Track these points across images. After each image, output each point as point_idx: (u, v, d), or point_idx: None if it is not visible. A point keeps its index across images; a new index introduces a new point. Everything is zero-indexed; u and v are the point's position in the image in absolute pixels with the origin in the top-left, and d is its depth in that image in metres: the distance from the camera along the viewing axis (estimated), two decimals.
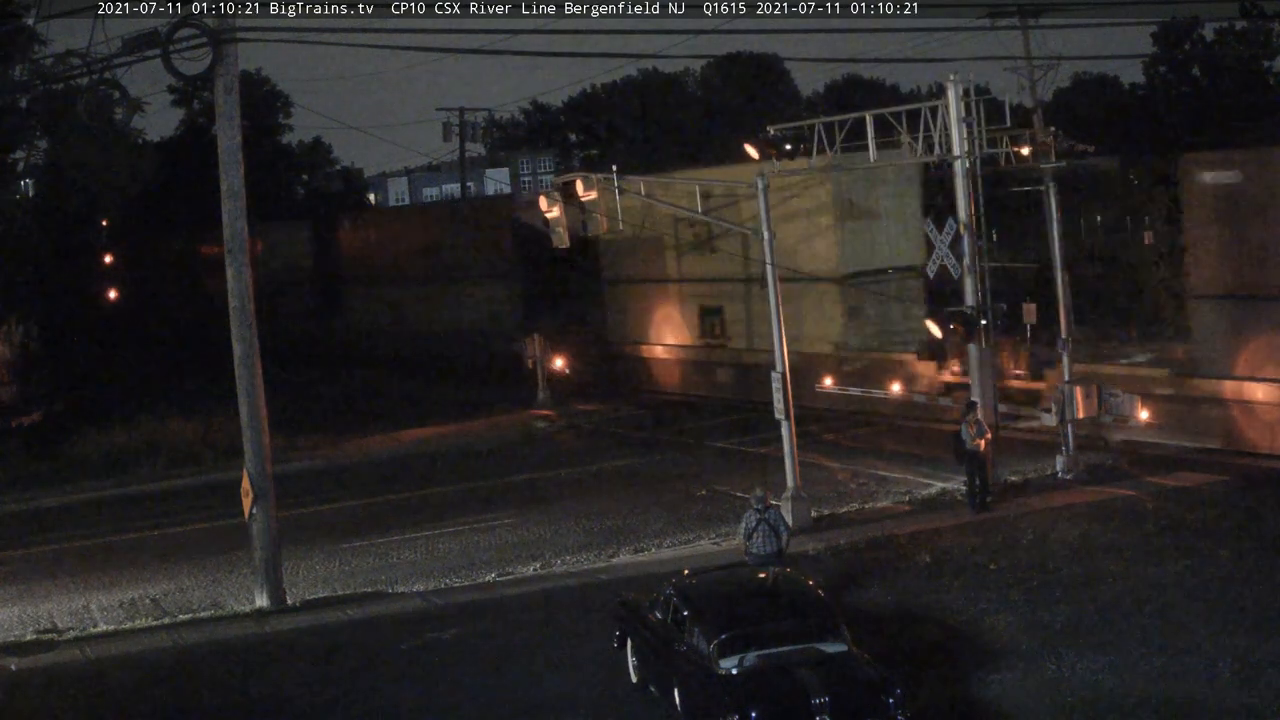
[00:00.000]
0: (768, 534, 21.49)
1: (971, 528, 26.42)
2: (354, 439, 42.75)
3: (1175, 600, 21.05)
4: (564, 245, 31.82)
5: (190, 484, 37.92)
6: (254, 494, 25.02)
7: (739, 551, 22.60)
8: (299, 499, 33.68)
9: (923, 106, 30.15)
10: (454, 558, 27.91)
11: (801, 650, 16.67)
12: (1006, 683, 18.24)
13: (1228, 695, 17.31)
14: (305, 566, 27.85)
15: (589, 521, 30.04)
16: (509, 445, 40.72)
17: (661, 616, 18.24)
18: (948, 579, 23.14)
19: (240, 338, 25.19)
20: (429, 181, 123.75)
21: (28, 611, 26.03)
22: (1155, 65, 75.09)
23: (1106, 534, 25.10)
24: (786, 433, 27.91)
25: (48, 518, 35.28)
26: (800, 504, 27.63)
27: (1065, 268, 31.78)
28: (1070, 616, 20.68)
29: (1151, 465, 30.39)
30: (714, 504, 30.56)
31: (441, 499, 33.96)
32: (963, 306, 29.44)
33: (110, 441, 40.84)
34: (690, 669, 17.04)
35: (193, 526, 32.78)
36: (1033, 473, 30.54)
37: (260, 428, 25.23)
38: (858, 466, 33.19)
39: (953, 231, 29.45)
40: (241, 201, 25.09)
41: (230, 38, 24.50)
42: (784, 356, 28.10)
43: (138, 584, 27.67)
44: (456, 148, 76.38)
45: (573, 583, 25.20)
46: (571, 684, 19.54)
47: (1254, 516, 25.31)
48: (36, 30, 40.44)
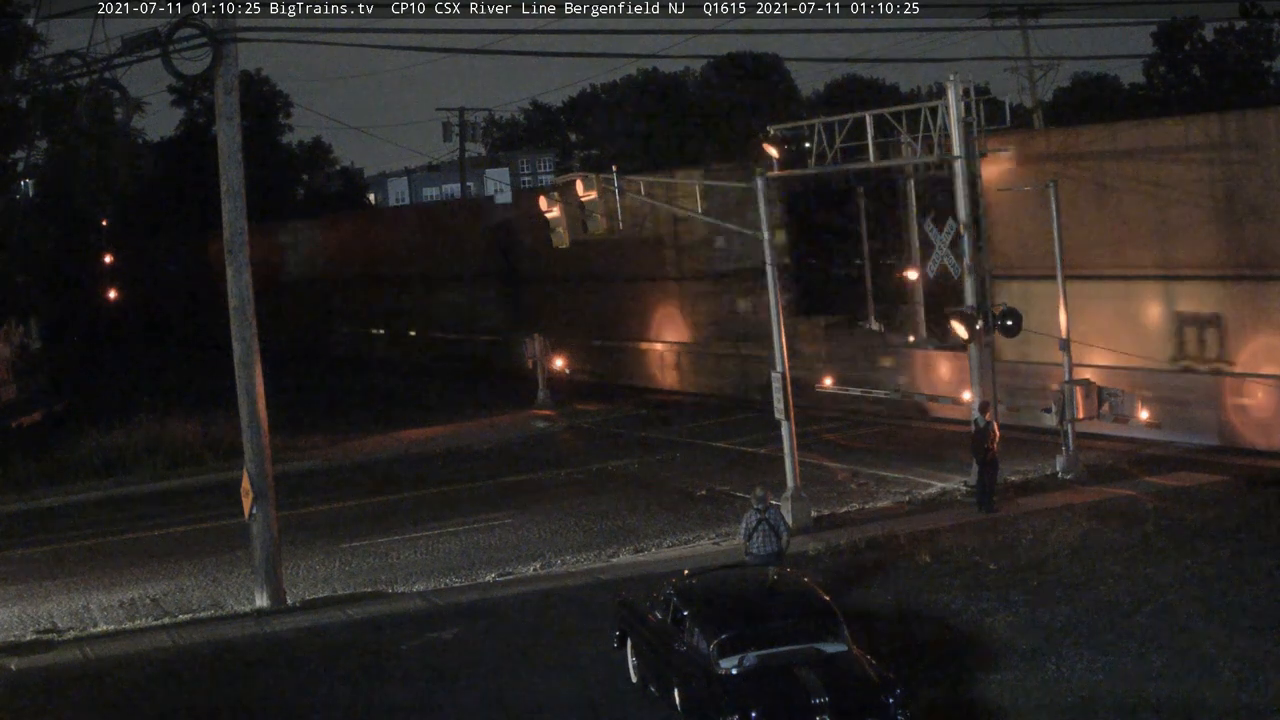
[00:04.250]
0: (768, 534, 21.50)
1: (971, 528, 26.42)
2: (354, 439, 42.75)
3: (1175, 600, 21.04)
4: (564, 245, 31.82)
5: (190, 484, 37.92)
6: (254, 494, 25.02)
7: (739, 551, 22.60)
8: (299, 499, 33.71)
9: (923, 106, 30.21)
10: (454, 558, 27.92)
11: (801, 650, 16.68)
12: (1006, 683, 18.24)
13: (1228, 695, 17.30)
14: (305, 566, 27.85)
15: (589, 521, 30.05)
16: (509, 445, 40.73)
17: (661, 616, 18.25)
18: (948, 579, 23.13)
19: (240, 338, 25.19)
20: (429, 181, 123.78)
21: (28, 611, 26.03)
22: (1155, 65, 75.06)
23: (1106, 534, 25.10)
24: (786, 433, 27.92)
25: (48, 518, 35.28)
26: (800, 504, 27.64)
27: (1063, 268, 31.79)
28: (1070, 616, 20.67)
29: (1151, 465, 30.38)
30: (714, 504, 30.57)
31: (441, 499, 33.96)
32: (963, 307, 29.46)
33: (110, 441, 40.81)
34: (690, 669, 17.04)
35: (193, 526, 32.79)
36: (1033, 473, 30.53)
37: (260, 428, 25.23)
38: (857, 466, 33.20)
39: (953, 231, 29.45)
40: (241, 201, 25.09)
41: (230, 38, 24.51)
42: (784, 356, 28.11)
43: (138, 584, 27.67)
44: (456, 148, 76.56)
45: (573, 583, 25.20)
46: (571, 684, 19.54)
47: (1254, 516, 25.30)
48: (36, 30, 40.42)
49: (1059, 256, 30.23)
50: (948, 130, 29.19)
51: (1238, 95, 61.84)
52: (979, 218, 29.47)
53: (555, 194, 31.13)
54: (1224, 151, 31.58)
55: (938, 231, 29.87)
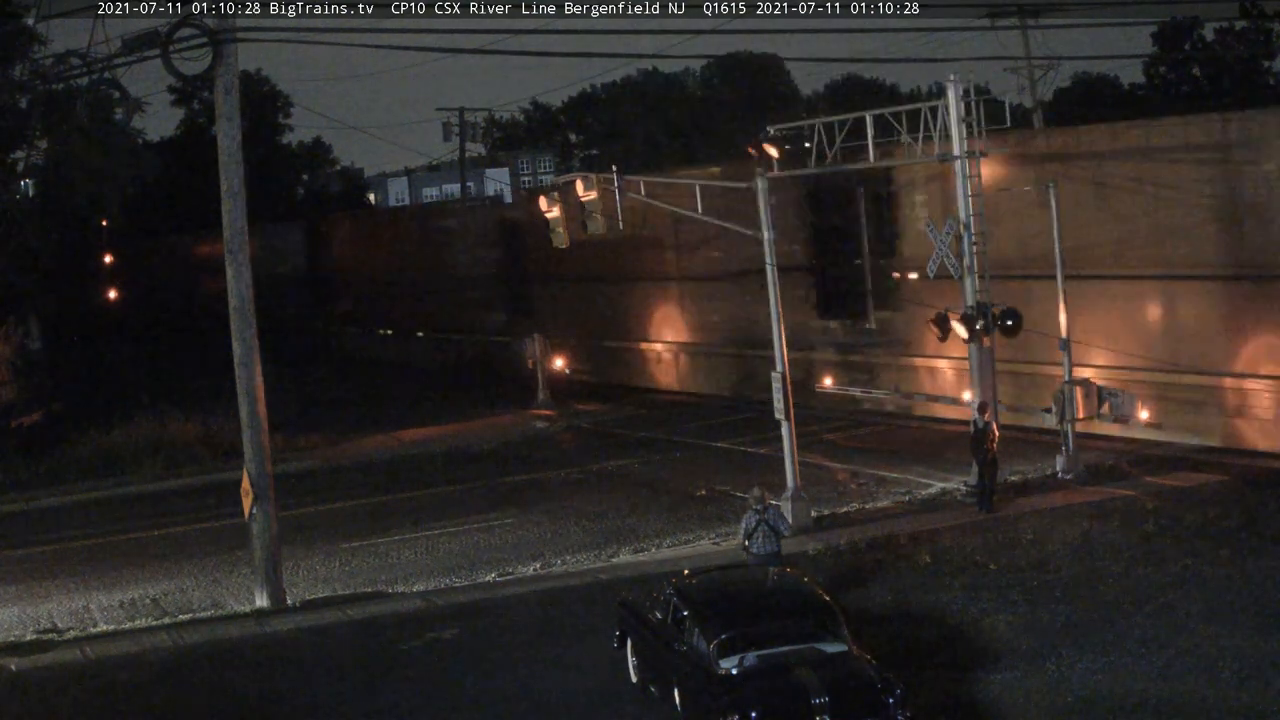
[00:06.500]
0: (768, 534, 21.48)
1: (971, 528, 26.42)
2: (354, 439, 42.75)
3: (1175, 600, 21.04)
4: (564, 245, 31.81)
5: (190, 484, 37.88)
6: (254, 494, 25.02)
7: (739, 551, 22.60)
8: (299, 499, 33.70)
9: (923, 106, 30.13)
10: (454, 558, 27.91)
11: (801, 650, 16.66)
12: (1006, 683, 18.24)
13: (1228, 695, 17.30)
14: (305, 566, 27.85)
15: (589, 521, 30.05)
16: (509, 445, 40.72)
17: (661, 616, 18.24)
18: (948, 579, 23.13)
19: (240, 338, 25.19)
20: (429, 181, 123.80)
21: (28, 611, 26.03)
22: (1155, 65, 75.10)
23: (1106, 534, 25.10)
24: (786, 433, 27.92)
25: (48, 518, 35.27)
26: (800, 504, 27.64)
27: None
28: (1070, 616, 20.68)
29: (1151, 465, 30.39)
30: (714, 504, 30.57)
31: (441, 499, 33.96)
32: (963, 307, 29.42)
33: (110, 441, 40.81)
34: (690, 669, 17.03)
35: (193, 526, 32.78)
36: (1033, 473, 30.54)
37: (260, 428, 25.23)
38: (858, 466, 33.20)
39: (952, 231, 29.43)
40: (241, 201, 25.09)
41: (230, 38, 24.50)
42: (784, 356, 28.12)
43: (138, 584, 27.67)
44: (456, 148, 76.47)
45: (573, 583, 25.19)
46: (571, 684, 19.55)
47: (1254, 516, 25.30)
48: (36, 30, 40.40)
49: (1059, 256, 30.22)
50: (948, 130, 29.16)
51: (1237, 95, 61.85)
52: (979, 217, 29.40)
53: (555, 194, 31.13)
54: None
55: (937, 231, 29.80)
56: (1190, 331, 32.45)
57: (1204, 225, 31.73)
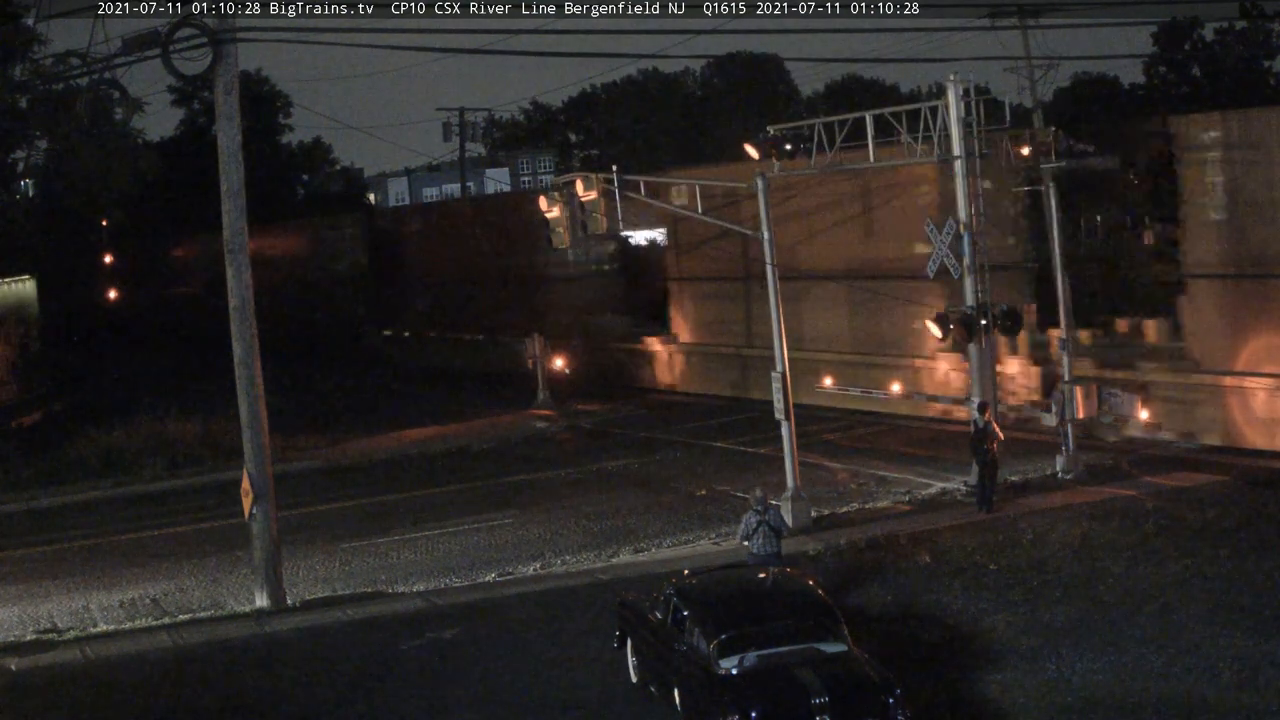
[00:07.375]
0: (768, 534, 21.51)
1: (971, 528, 26.42)
2: (354, 439, 42.73)
3: (1175, 600, 21.05)
4: (563, 245, 31.79)
5: (190, 484, 37.87)
6: (254, 494, 25.02)
7: (739, 551, 22.60)
8: (299, 499, 33.69)
9: (923, 106, 30.12)
10: (454, 558, 27.91)
11: (801, 650, 16.67)
12: (1006, 683, 18.25)
13: (1228, 695, 17.31)
14: (305, 566, 27.85)
15: (589, 521, 30.05)
16: (509, 445, 40.72)
17: (661, 616, 18.24)
18: (948, 579, 23.14)
19: (240, 338, 25.19)
20: (429, 181, 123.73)
21: (28, 611, 26.03)
22: (1155, 65, 75.11)
23: (1106, 534, 25.10)
24: (786, 433, 27.91)
25: (48, 518, 35.26)
26: (800, 504, 27.63)
27: (1065, 268, 31.76)
28: (1070, 616, 20.68)
29: (1151, 465, 30.40)
30: (714, 504, 30.57)
31: (441, 499, 33.96)
32: (963, 306, 29.41)
33: (110, 441, 40.79)
34: (690, 669, 17.04)
35: (193, 526, 32.78)
36: (1033, 473, 30.53)
37: (260, 428, 25.23)
38: (858, 466, 33.20)
39: (952, 231, 29.42)
40: (241, 201, 25.09)
41: (230, 38, 24.51)
42: (784, 356, 28.11)
43: (138, 584, 27.66)
44: (456, 148, 76.52)
45: (573, 583, 25.19)
46: (571, 684, 19.55)
47: (1254, 516, 25.31)
48: (36, 30, 40.44)
49: (1058, 255, 30.20)
50: (948, 130, 29.16)
51: (1237, 95, 61.85)
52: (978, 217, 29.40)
53: (555, 194, 31.11)
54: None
55: (937, 231, 29.78)
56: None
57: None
